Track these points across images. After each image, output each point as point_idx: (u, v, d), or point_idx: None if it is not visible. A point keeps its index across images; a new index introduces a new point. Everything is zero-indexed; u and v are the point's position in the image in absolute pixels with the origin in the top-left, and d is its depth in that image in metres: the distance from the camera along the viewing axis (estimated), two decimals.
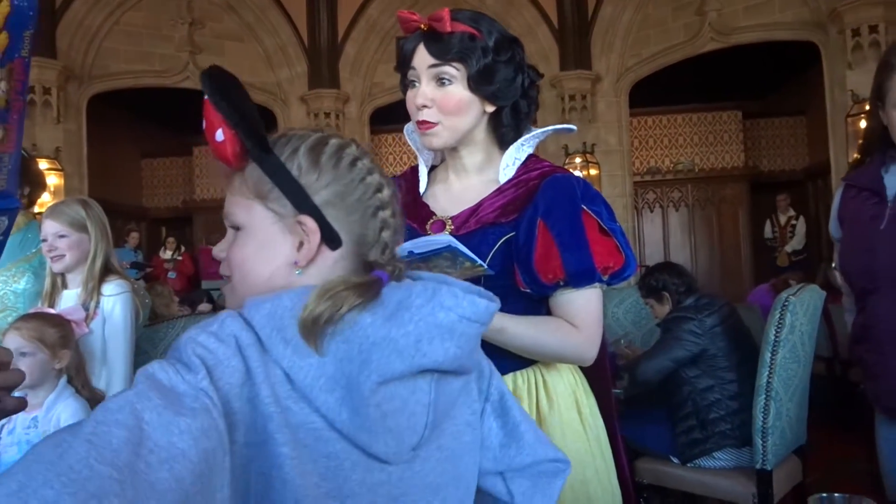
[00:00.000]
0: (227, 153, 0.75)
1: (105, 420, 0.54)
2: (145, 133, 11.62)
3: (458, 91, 1.21)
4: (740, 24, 7.95)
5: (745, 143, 10.54)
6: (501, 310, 0.92)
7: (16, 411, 0.72)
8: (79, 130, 7.89)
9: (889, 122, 1.58)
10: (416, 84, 1.24)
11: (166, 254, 9.46)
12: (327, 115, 8.69)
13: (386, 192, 0.79)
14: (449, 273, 0.89)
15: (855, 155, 1.76)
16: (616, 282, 1.23)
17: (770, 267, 8.81)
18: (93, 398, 2.02)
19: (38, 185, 2.28)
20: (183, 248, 9.82)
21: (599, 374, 1.38)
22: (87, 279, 2.07)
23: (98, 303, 2.08)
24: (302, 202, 0.75)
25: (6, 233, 0.58)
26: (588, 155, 8.61)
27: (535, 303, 1.25)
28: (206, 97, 0.74)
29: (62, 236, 2.08)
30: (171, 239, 9.78)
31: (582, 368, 1.35)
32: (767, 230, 9.17)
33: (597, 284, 1.21)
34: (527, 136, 1.32)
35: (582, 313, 1.21)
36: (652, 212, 10.68)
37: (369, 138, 9.10)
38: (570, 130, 1.38)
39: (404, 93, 1.27)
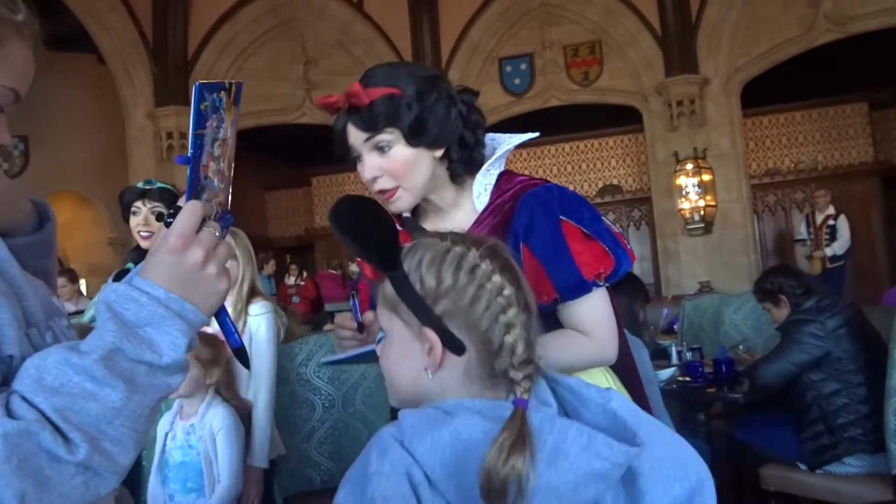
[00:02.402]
0: (367, 270, 0.89)
1: None
2: (267, 168, 12.43)
3: (401, 151, 1.20)
4: (858, 12, 7.55)
5: (873, 135, 9.91)
6: None
7: None
8: None
9: None
10: (361, 158, 1.24)
11: (290, 280, 10.03)
12: None
13: (508, 291, 0.81)
14: None
15: None
16: (615, 280, 1.22)
17: None
18: (240, 407, 2.26)
19: None
20: (305, 274, 10.37)
21: (627, 374, 1.36)
22: (236, 301, 2.32)
23: (245, 322, 2.32)
24: (422, 314, 0.81)
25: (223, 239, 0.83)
26: (700, 160, 8.40)
27: (546, 320, 1.20)
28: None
29: None
30: (293, 266, 10.35)
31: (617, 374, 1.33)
32: (802, 230, 8.15)
33: (595, 289, 1.21)
34: (491, 160, 1.29)
35: (589, 320, 1.21)
36: (774, 215, 10.22)
37: None
38: (533, 136, 1.34)
39: (355, 167, 1.26)
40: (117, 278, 2.48)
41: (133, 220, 2.41)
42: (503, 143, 1.32)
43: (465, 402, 0.80)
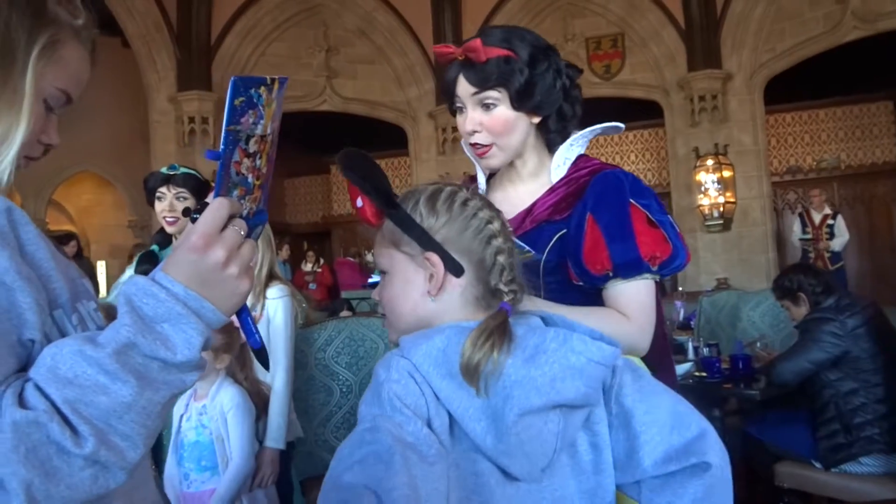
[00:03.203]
0: (368, 214, 0.96)
1: (394, 485, 0.72)
2: (287, 154, 12.42)
3: (504, 112, 1.27)
4: (888, 10, 7.42)
5: None
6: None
7: None
8: None
9: None
10: (464, 110, 1.30)
11: (306, 266, 10.07)
12: (454, 129, 8.99)
13: (496, 224, 0.93)
14: None
15: None
16: (666, 272, 1.25)
17: None
18: (252, 390, 2.28)
19: None
20: (322, 261, 10.41)
21: (663, 369, 1.36)
22: (254, 285, 2.35)
23: (263, 306, 2.35)
24: (425, 242, 0.91)
25: (258, 237, 0.83)
26: (721, 157, 8.33)
27: (592, 297, 1.28)
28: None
29: None
30: (310, 252, 10.40)
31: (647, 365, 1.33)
32: (797, 229, 7.95)
33: (647, 275, 1.24)
34: (575, 136, 1.36)
35: (632, 303, 1.23)
36: (793, 213, 10.11)
37: None
38: (619, 129, 1.38)
39: (454, 115, 1.35)
40: (141, 260, 2.51)
41: (158, 206, 2.44)
42: (587, 128, 1.38)
43: (461, 323, 0.87)
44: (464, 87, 1.28)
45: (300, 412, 2.47)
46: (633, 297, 1.24)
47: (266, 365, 0.86)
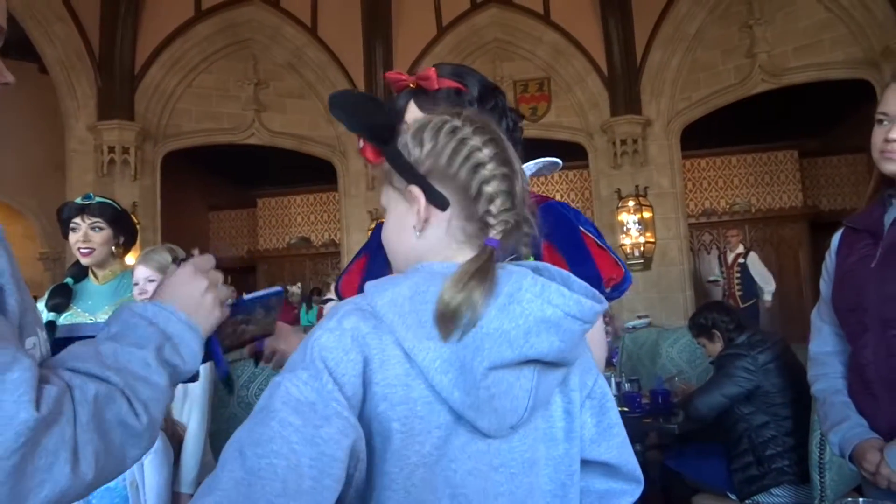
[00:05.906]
0: (368, 154, 0.98)
1: (264, 453, 0.68)
2: (212, 187, 12.21)
3: None
4: (791, 65, 7.97)
5: (802, 182, 10.41)
6: None
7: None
8: (153, 186, 8.40)
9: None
10: None
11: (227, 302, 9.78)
12: None
13: (486, 152, 0.85)
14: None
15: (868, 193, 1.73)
16: (616, 294, 1.29)
17: None
18: (168, 430, 2.18)
19: (132, 236, 2.51)
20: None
21: None
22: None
23: None
24: (408, 174, 0.87)
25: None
26: (641, 198, 8.66)
27: None
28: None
29: (151, 280, 2.28)
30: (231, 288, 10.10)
31: None
32: (717, 272, 8.19)
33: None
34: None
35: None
36: (709, 253, 10.58)
37: None
38: (557, 165, 1.44)
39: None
40: (54, 293, 2.37)
41: (72, 237, 2.33)
42: (530, 162, 1.42)
43: (434, 267, 0.82)
44: (413, 114, 1.31)
45: (218, 453, 2.38)
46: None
47: (231, 389, 0.93)
